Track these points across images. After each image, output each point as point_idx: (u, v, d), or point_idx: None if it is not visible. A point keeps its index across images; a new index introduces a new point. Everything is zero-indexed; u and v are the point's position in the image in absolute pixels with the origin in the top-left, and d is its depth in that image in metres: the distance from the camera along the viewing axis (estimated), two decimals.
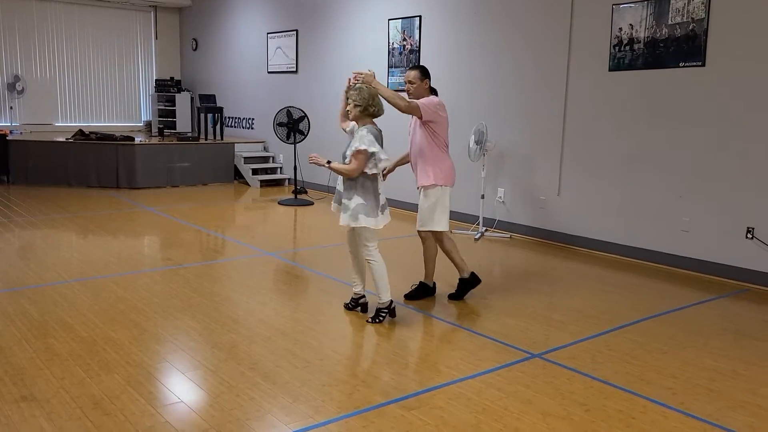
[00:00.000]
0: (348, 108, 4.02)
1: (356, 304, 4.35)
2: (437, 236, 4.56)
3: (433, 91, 4.53)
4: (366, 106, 3.96)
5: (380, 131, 4.07)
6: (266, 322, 4.09)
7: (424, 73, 4.44)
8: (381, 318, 4.13)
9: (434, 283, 4.74)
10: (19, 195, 8.81)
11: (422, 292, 4.67)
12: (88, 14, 12.43)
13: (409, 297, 4.62)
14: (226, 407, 2.94)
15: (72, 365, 3.35)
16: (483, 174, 6.96)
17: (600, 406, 3.03)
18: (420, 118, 4.35)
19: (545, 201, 6.73)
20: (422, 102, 4.34)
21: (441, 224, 4.47)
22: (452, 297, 4.66)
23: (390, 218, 4.15)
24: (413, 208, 8.10)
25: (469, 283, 4.67)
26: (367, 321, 4.14)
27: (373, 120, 4.07)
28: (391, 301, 4.16)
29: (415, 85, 4.41)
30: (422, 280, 4.72)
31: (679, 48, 5.51)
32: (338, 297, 4.62)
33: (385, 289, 4.10)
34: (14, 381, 3.15)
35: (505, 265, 5.83)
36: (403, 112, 4.28)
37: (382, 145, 3.99)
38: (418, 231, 4.56)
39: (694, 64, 5.43)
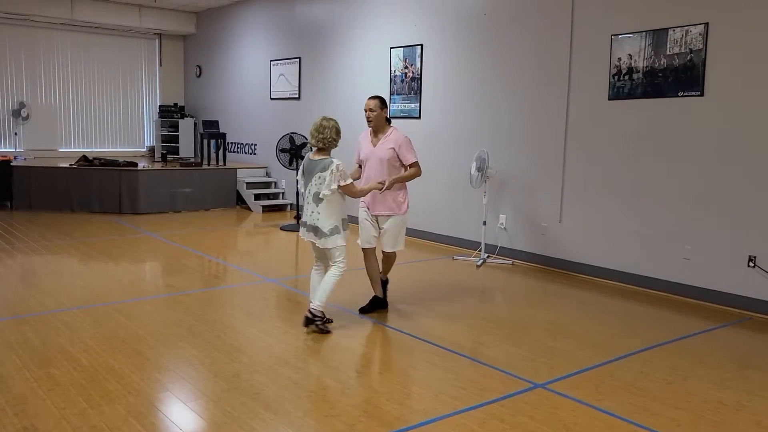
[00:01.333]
0: (313, 143, 4.41)
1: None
2: (390, 254, 4.98)
3: (388, 121, 4.87)
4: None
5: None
6: (268, 350, 4.08)
7: (383, 103, 4.80)
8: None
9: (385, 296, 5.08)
10: (22, 221, 8.84)
11: (377, 305, 4.97)
12: (93, 42, 12.59)
13: (364, 311, 4.91)
14: None
15: (74, 395, 3.33)
16: (485, 200, 6.99)
17: None
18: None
19: (547, 228, 6.75)
20: (414, 155, 4.78)
21: (403, 244, 4.94)
22: (364, 311, 4.93)
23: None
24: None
25: (380, 303, 5.00)
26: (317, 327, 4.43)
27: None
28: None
29: (375, 113, 4.74)
30: (376, 294, 4.99)
31: (677, 78, 5.58)
32: (341, 325, 4.61)
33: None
34: (15, 411, 3.14)
35: (507, 292, 5.83)
36: (419, 175, 4.82)
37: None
38: (388, 252, 4.93)
39: (693, 93, 5.49)
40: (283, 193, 10.84)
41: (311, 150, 4.47)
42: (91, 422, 3.04)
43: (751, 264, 5.23)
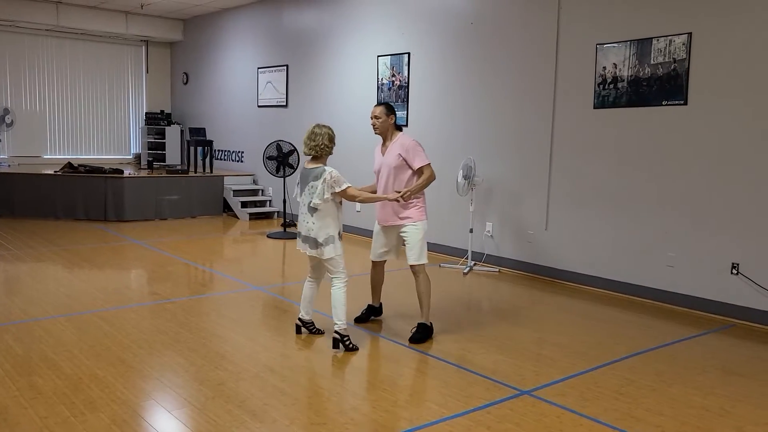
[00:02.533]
0: (305, 150, 4.32)
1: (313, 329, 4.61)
2: (419, 270, 4.56)
3: (399, 128, 4.70)
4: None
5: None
6: (254, 358, 4.06)
7: (390, 110, 4.63)
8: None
9: (431, 322, 4.64)
10: (5, 228, 8.75)
11: (425, 333, 4.52)
12: (79, 48, 12.52)
13: (414, 341, 4.46)
14: None
15: (56, 404, 3.30)
16: (471, 208, 7.01)
17: None
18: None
19: (533, 235, 6.79)
20: (423, 158, 4.52)
21: (426, 256, 4.60)
22: (414, 340, 4.47)
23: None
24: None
25: (430, 331, 4.58)
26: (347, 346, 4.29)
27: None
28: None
29: (381, 120, 4.57)
30: (420, 320, 4.56)
31: (661, 87, 5.64)
32: (328, 332, 4.60)
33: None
34: None
35: (493, 299, 5.85)
36: (433, 179, 4.56)
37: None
38: (413, 266, 4.53)
39: (677, 102, 5.56)
40: (270, 200, 10.82)
41: (308, 158, 4.38)
42: (75, 431, 3.00)
43: (734, 271, 5.28)
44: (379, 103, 4.67)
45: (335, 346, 4.24)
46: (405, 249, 4.58)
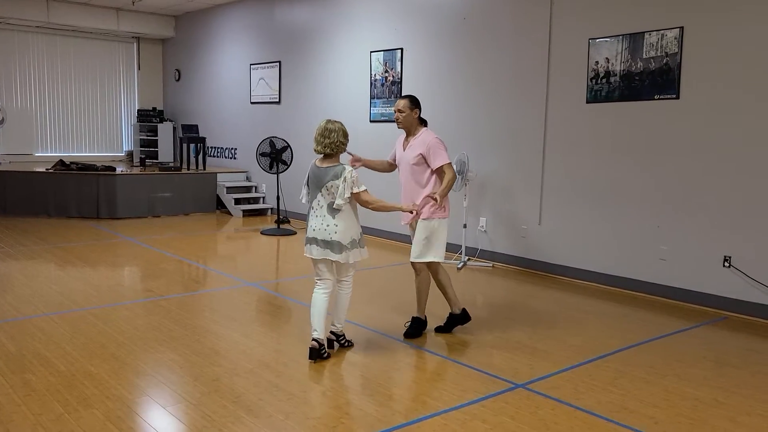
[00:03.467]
0: (319, 149, 3.99)
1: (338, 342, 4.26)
2: (432, 268, 4.49)
3: (423, 122, 4.49)
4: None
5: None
6: (249, 354, 4.06)
7: (414, 103, 4.40)
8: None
9: (425, 317, 4.60)
10: None
11: (419, 328, 4.52)
12: (70, 45, 12.45)
13: (408, 335, 4.45)
14: None
15: (50, 401, 3.29)
16: (465, 203, 7.02)
17: None
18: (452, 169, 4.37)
19: (527, 230, 6.80)
20: (445, 157, 4.33)
21: (439, 255, 4.40)
22: (439, 330, 4.58)
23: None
24: (388, 236, 8.14)
25: (459, 319, 4.60)
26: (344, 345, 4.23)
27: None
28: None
29: (404, 114, 4.37)
30: (415, 314, 4.57)
31: (653, 81, 5.66)
32: (330, 327, 4.60)
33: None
34: None
35: (487, 294, 5.86)
36: (456, 179, 4.40)
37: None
38: (413, 262, 4.43)
39: (669, 96, 5.57)
40: (263, 197, 10.80)
41: (318, 157, 4.05)
42: (69, 427, 3.00)
43: (727, 264, 5.31)
44: (403, 96, 4.45)
45: (330, 346, 4.16)
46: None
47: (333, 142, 3.94)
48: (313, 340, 3.97)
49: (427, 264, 4.46)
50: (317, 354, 3.95)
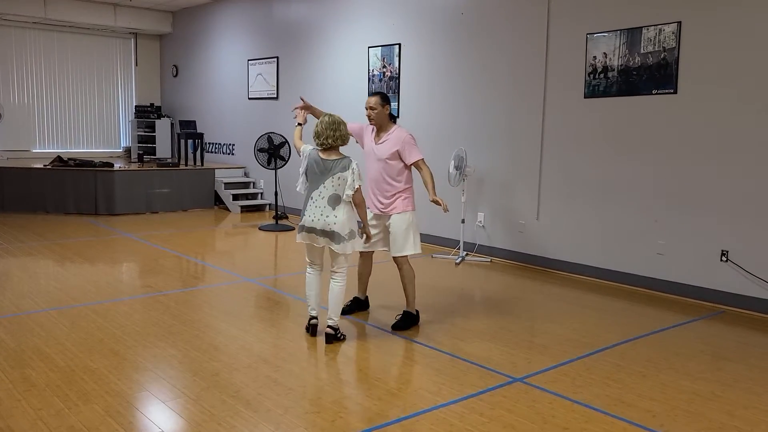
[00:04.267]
0: (329, 142, 4.11)
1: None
2: (402, 261, 4.59)
3: (393, 118, 4.63)
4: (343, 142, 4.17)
5: None
6: (248, 349, 4.07)
7: (385, 100, 4.53)
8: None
9: (417, 311, 4.69)
10: None
11: (408, 321, 4.59)
12: (67, 41, 12.42)
13: (396, 327, 4.52)
14: None
15: (50, 396, 3.30)
16: (463, 199, 7.03)
17: (581, 430, 3.06)
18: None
19: (524, 225, 6.81)
20: (418, 152, 4.51)
21: (417, 246, 4.56)
22: (397, 327, 4.54)
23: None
24: None
25: (414, 319, 4.63)
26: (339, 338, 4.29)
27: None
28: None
29: (376, 111, 4.50)
30: (406, 309, 4.64)
31: (651, 76, 5.67)
32: (320, 323, 4.61)
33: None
34: None
35: (485, 289, 5.87)
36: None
37: None
38: (395, 257, 4.54)
39: (666, 91, 5.58)
40: (261, 193, 10.80)
41: (318, 149, 4.16)
42: (68, 422, 3.01)
43: (724, 258, 5.33)
44: (373, 93, 4.59)
45: (329, 341, 4.19)
46: (391, 239, 4.53)
47: (342, 135, 4.08)
48: (312, 317, 4.32)
49: (365, 253, 4.66)
50: (314, 330, 4.31)
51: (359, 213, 4.19)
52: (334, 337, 4.22)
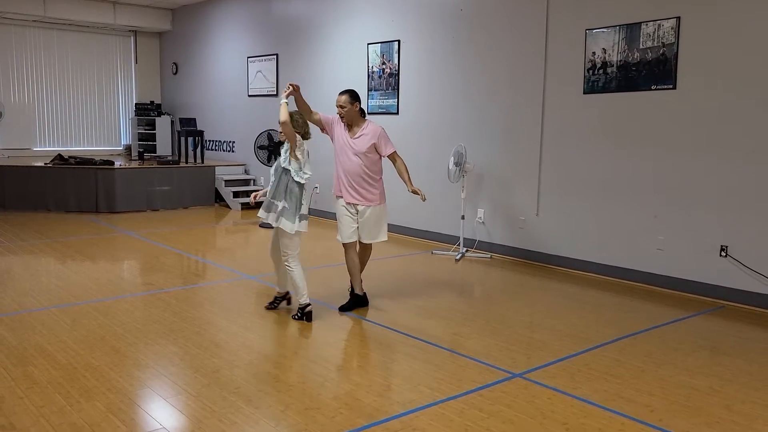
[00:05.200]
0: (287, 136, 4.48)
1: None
2: (368, 248, 5.07)
3: (363, 113, 4.84)
4: (303, 133, 4.57)
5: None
6: (249, 345, 4.09)
7: (354, 97, 4.74)
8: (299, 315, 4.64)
9: (365, 293, 5.04)
10: None
11: (357, 303, 4.95)
12: (67, 39, 12.42)
13: (344, 309, 4.89)
14: None
15: (52, 393, 3.32)
16: (463, 195, 7.04)
17: (580, 425, 3.08)
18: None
19: (524, 221, 6.83)
20: (390, 143, 4.87)
21: (385, 235, 4.98)
22: (344, 309, 4.90)
23: (306, 229, 4.62)
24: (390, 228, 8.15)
25: (361, 301, 4.97)
26: (292, 317, 4.66)
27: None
28: (308, 304, 4.64)
29: (346, 109, 4.70)
30: (356, 291, 4.98)
31: (650, 71, 5.67)
32: (321, 320, 4.63)
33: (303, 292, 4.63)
34: None
35: (485, 285, 5.89)
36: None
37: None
38: (367, 243, 4.97)
39: (666, 87, 5.59)
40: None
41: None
42: (70, 419, 3.03)
43: (723, 254, 5.34)
44: (342, 92, 4.76)
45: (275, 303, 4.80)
46: (361, 226, 4.86)
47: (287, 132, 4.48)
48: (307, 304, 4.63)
49: (350, 245, 4.90)
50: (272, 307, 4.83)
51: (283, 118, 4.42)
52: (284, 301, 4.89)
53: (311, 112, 4.76)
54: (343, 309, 4.89)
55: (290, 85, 4.55)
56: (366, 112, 4.98)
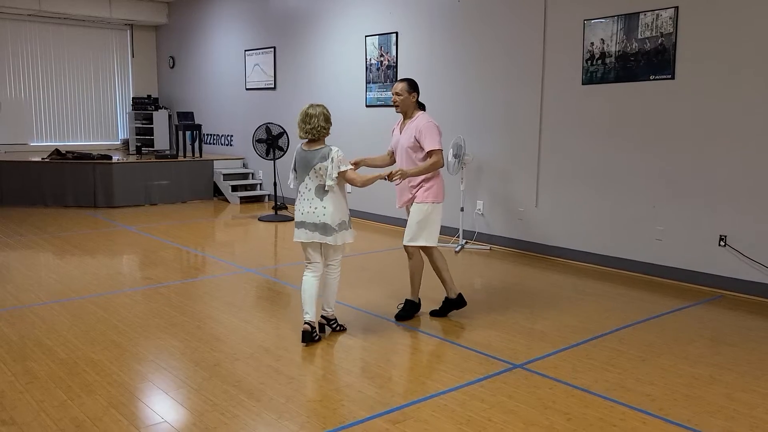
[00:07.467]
0: (302, 134, 4.01)
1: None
2: (428, 252, 4.50)
3: (421, 106, 4.48)
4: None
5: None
6: (249, 339, 4.09)
7: (412, 86, 4.40)
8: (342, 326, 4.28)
9: (419, 299, 4.66)
10: None
11: (411, 310, 4.59)
12: (63, 33, 12.36)
13: (399, 317, 4.51)
14: (210, 426, 2.93)
15: (52, 388, 3.31)
16: (462, 187, 7.03)
17: (581, 415, 3.08)
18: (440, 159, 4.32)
19: (524, 213, 6.82)
20: (434, 142, 4.28)
21: (431, 239, 4.40)
22: (434, 314, 4.61)
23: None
24: (385, 221, 8.16)
25: (454, 304, 4.62)
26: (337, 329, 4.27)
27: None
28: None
29: (402, 97, 4.37)
30: (408, 297, 4.61)
31: (649, 61, 5.65)
32: (321, 312, 4.63)
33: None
34: None
35: (485, 276, 5.89)
36: (439, 166, 4.31)
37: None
38: (405, 246, 4.44)
39: (664, 77, 5.57)
40: (260, 183, 10.79)
41: (304, 141, 4.06)
42: (71, 414, 3.03)
43: (722, 243, 5.35)
44: (401, 79, 4.43)
45: (321, 330, 4.17)
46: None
47: (315, 128, 3.95)
48: (306, 323, 4.01)
49: (423, 248, 4.47)
50: (309, 337, 3.99)
51: (368, 182, 4.02)
52: (327, 325, 4.21)
53: (387, 155, 4.54)
54: (399, 317, 4.51)
55: (352, 163, 4.10)
56: (422, 105, 4.49)
